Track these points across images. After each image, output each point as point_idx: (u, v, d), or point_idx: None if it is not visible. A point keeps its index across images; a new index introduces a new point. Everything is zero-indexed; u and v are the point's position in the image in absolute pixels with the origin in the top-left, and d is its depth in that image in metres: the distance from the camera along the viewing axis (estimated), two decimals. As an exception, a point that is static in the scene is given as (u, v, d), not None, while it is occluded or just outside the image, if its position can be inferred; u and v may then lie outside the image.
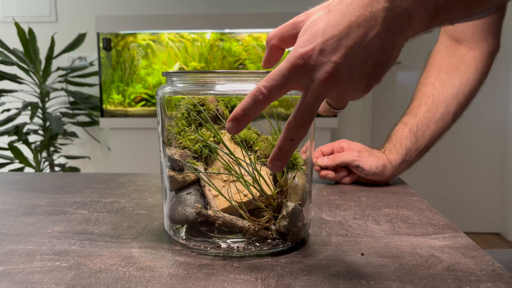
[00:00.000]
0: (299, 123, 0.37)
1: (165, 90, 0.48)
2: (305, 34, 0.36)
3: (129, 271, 0.42)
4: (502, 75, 2.55)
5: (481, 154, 2.62)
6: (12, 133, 2.22)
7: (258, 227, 0.46)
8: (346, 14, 0.35)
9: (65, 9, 2.45)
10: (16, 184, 0.79)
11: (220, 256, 0.45)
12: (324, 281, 0.40)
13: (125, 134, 2.19)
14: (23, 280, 0.40)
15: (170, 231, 0.50)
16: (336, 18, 0.35)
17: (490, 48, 0.82)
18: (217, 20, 2.20)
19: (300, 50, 0.35)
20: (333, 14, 0.35)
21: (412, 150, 0.78)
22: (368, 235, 0.52)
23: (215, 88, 0.47)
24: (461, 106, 0.80)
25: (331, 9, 0.36)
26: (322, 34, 0.35)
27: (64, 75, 2.32)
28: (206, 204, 0.47)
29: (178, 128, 0.48)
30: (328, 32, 0.35)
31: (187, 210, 0.47)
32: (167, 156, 0.49)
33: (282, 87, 0.36)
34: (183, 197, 0.48)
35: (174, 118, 0.49)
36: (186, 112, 0.48)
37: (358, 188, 0.76)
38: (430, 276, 0.41)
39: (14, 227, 0.55)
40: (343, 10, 0.35)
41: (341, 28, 0.35)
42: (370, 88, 0.37)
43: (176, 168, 0.48)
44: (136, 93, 2.30)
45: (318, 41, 0.35)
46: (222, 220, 0.46)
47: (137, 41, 2.29)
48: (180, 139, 0.48)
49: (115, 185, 0.78)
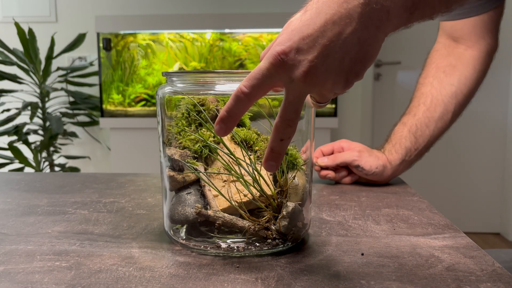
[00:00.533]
0: (286, 122, 0.37)
1: (165, 90, 0.48)
2: (282, 34, 0.37)
3: (129, 271, 0.42)
4: (502, 75, 2.55)
5: (481, 154, 2.62)
6: (12, 133, 2.22)
7: (258, 227, 0.46)
8: (321, 12, 0.35)
9: (65, 9, 2.45)
10: (16, 184, 0.79)
11: (220, 256, 0.45)
12: (324, 281, 0.40)
13: (125, 134, 2.19)
14: (23, 280, 0.40)
15: (170, 231, 0.50)
16: (312, 17, 0.35)
17: (489, 46, 0.82)
18: (217, 20, 2.20)
19: (277, 48, 0.35)
20: (308, 13, 0.36)
21: (411, 150, 0.78)
22: (368, 235, 0.52)
23: (215, 88, 0.47)
24: (460, 106, 0.80)
25: (307, 9, 0.36)
26: (298, 32, 0.35)
27: (64, 75, 2.32)
28: (206, 204, 0.47)
29: (178, 128, 0.48)
30: (304, 30, 0.35)
31: (187, 210, 0.47)
32: (167, 156, 0.49)
33: (262, 85, 0.37)
34: (183, 197, 0.48)
35: (174, 118, 0.49)
36: (186, 112, 0.48)
37: (358, 188, 0.76)
38: (430, 276, 0.41)
39: (14, 227, 0.55)
40: (319, 8, 0.35)
41: (316, 27, 0.35)
42: (351, 84, 0.37)
43: (176, 168, 0.49)
44: (136, 93, 2.30)
45: (295, 40, 0.35)
46: (222, 220, 0.46)
47: (137, 41, 2.29)
48: (180, 139, 0.48)
49: (115, 185, 0.78)
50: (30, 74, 2.26)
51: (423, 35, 0.89)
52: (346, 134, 2.47)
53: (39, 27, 2.34)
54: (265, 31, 2.25)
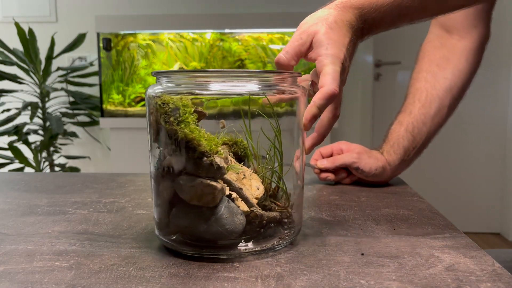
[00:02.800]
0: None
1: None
2: (329, 44, 0.51)
3: (129, 271, 0.42)
4: (502, 75, 2.55)
5: (481, 154, 2.62)
6: (12, 133, 2.22)
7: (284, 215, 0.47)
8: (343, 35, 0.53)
9: (65, 9, 2.45)
10: (16, 184, 0.79)
11: (220, 256, 0.45)
12: (324, 281, 0.40)
13: (125, 134, 2.19)
14: (23, 280, 0.40)
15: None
16: (339, 36, 0.53)
17: (481, 36, 0.81)
18: (217, 20, 2.20)
19: (340, 55, 0.51)
20: (335, 31, 0.52)
21: (410, 149, 0.77)
22: (368, 235, 0.52)
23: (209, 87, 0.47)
24: (455, 99, 0.80)
25: (332, 27, 0.52)
26: (342, 45, 0.52)
27: (64, 75, 2.32)
28: (238, 207, 0.46)
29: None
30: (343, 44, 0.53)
31: (239, 218, 0.44)
32: (214, 165, 0.43)
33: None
34: (230, 206, 0.44)
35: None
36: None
37: (358, 188, 0.76)
38: (430, 276, 0.41)
39: (14, 227, 0.55)
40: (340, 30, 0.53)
41: (346, 43, 0.53)
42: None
43: (217, 176, 0.44)
44: (136, 93, 2.30)
45: (344, 50, 0.52)
46: (267, 216, 0.46)
47: (137, 41, 2.29)
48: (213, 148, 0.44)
49: (115, 185, 0.78)
50: (30, 74, 2.26)
51: (423, 35, 0.88)
52: (346, 134, 2.47)
53: (39, 27, 2.34)
54: (265, 31, 2.25)
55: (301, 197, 0.51)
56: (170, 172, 0.44)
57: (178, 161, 0.43)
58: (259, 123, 0.48)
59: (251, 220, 0.46)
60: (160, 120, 0.43)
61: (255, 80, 0.46)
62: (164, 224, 0.46)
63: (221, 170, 0.43)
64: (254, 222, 0.46)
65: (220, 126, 0.49)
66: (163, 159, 0.45)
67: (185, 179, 0.43)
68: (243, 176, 0.48)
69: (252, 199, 0.46)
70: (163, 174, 0.45)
